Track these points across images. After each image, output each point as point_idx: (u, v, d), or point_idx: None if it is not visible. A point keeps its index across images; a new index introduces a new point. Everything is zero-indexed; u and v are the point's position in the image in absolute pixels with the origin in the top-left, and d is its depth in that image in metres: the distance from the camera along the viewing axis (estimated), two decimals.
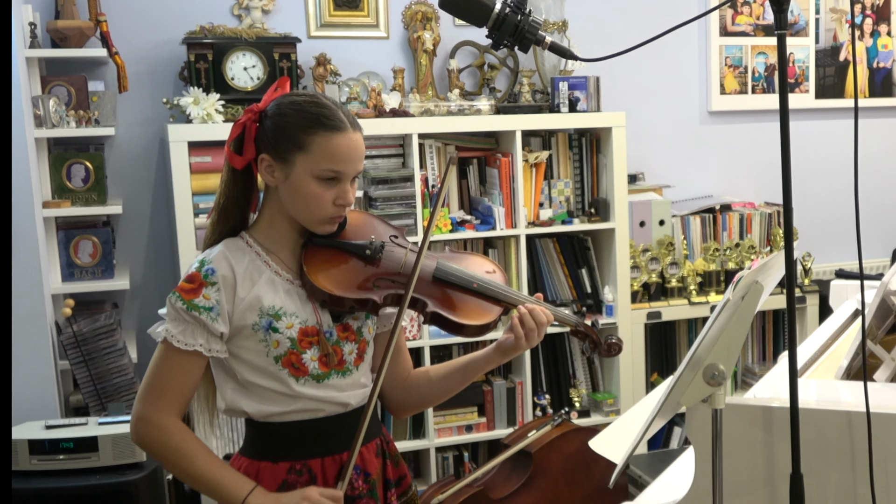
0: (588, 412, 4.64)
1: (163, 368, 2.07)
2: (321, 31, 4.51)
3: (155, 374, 2.08)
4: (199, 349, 2.05)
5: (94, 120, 3.93)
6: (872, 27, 5.44)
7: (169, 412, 2.06)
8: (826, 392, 2.33)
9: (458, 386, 2.34)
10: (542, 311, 2.22)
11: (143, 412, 2.07)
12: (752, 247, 4.86)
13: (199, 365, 2.08)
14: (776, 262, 2.14)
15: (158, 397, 2.07)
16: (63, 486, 3.31)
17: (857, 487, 2.06)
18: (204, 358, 2.08)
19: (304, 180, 2.06)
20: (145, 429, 2.07)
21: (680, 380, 1.95)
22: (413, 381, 2.36)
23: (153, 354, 2.09)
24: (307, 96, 2.11)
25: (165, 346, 2.07)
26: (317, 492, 2.07)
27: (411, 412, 2.45)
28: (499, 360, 2.28)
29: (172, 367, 2.06)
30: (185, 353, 2.05)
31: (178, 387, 2.07)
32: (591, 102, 4.45)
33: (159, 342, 2.09)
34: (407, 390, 2.36)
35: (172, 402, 2.07)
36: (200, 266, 2.08)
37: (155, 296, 4.36)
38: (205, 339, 2.06)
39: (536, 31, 2.11)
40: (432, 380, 2.35)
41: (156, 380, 2.08)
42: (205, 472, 2.06)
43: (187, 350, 2.05)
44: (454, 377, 2.32)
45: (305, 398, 2.11)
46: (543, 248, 4.54)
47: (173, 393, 2.07)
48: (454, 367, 2.32)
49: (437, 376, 2.34)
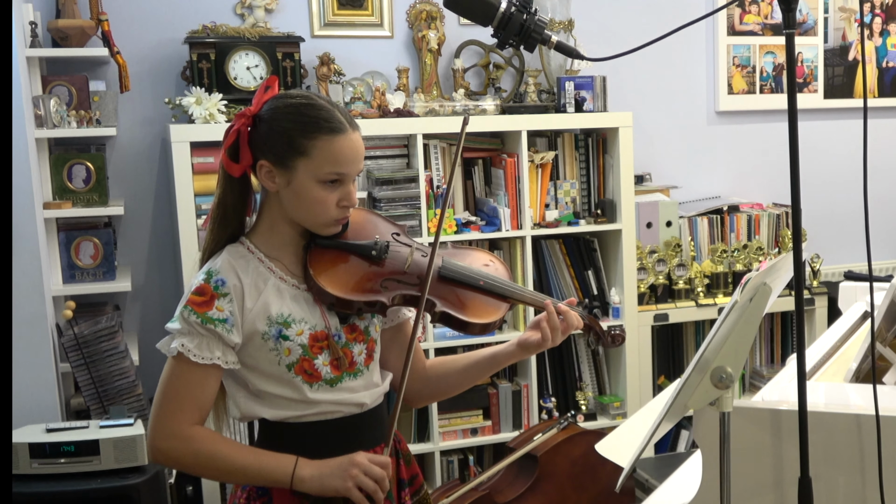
0: (594, 415, 4.62)
1: (179, 384, 2.04)
2: (325, 30, 4.49)
3: (171, 390, 2.05)
4: (216, 362, 2.03)
5: (96, 120, 3.91)
6: (882, 26, 5.41)
7: (190, 423, 2.04)
8: (835, 395, 2.34)
9: (476, 379, 2.37)
10: (576, 316, 2.26)
11: (164, 429, 2.04)
12: (760, 248, 4.83)
13: (217, 377, 2.07)
14: (784, 264, 2.12)
15: (178, 412, 2.04)
16: (64, 489, 3.29)
17: (867, 491, 2.05)
18: (220, 370, 2.06)
19: (307, 185, 2.05)
20: (170, 444, 2.04)
21: (687, 382, 1.94)
22: (431, 372, 2.37)
23: (165, 370, 2.06)
24: (301, 97, 2.09)
25: (180, 360, 2.03)
26: (365, 457, 2.08)
27: (426, 402, 2.49)
28: (519, 356, 2.31)
29: (190, 382, 2.04)
30: (201, 367, 2.03)
31: (197, 400, 2.05)
32: (597, 102, 4.43)
33: (170, 357, 2.06)
34: (424, 382, 2.38)
35: (194, 414, 2.05)
36: (208, 277, 2.06)
37: (157, 298, 4.35)
38: (221, 352, 2.04)
39: (542, 31, 2.12)
40: (450, 372, 2.37)
41: (172, 395, 2.05)
42: (245, 465, 2.05)
43: (204, 364, 2.03)
44: (472, 370, 2.35)
45: (321, 403, 2.11)
46: (549, 250, 4.52)
47: (193, 406, 2.04)
48: (473, 360, 2.34)
49: (455, 369, 2.36)
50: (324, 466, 2.06)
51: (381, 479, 2.06)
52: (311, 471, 2.05)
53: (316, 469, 2.05)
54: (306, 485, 2.04)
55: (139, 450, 3.34)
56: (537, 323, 2.25)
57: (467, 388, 2.40)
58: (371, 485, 2.05)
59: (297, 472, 2.04)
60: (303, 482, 2.04)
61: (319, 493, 2.06)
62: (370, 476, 2.05)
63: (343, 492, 2.04)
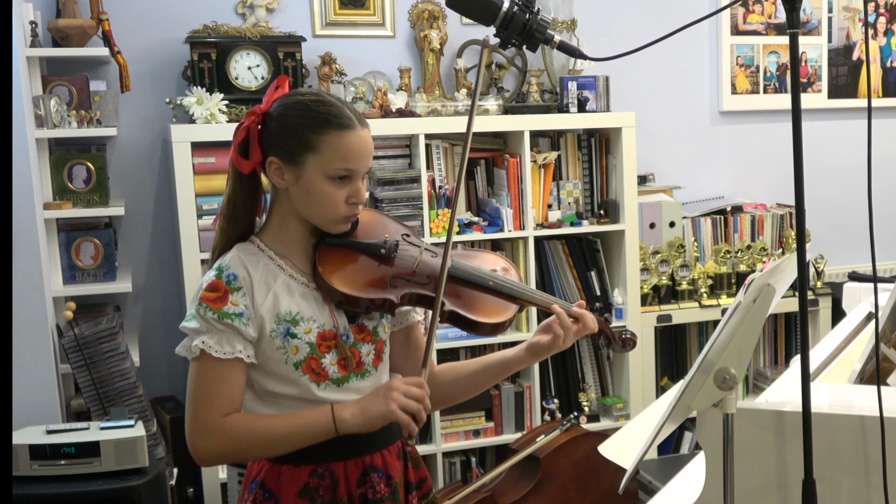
0: (597, 416, 4.61)
1: (207, 382, 2.04)
2: (326, 29, 4.48)
3: (200, 389, 2.05)
4: (239, 356, 2.03)
5: (96, 120, 3.90)
6: (886, 26, 5.40)
7: (223, 416, 2.04)
8: (839, 396, 2.33)
9: (485, 385, 2.36)
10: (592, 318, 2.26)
11: (199, 427, 2.04)
12: (763, 249, 4.81)
13: (242, 371, 2.06)
14: (788, 265, 2.11)
15: (210, 408, 2.03)
16: (64, 491, 3.28)
17: (871, 493, 2.04)
18: (244, 364, 2.05)
19: (316, 181, 2.05)
20: (211, 440, 2.04)
21: (691, 384, 1.93)
22: (440, 377, 2.36)
23: (190, 372, 2.06)
24: (311, 95, 2.10)
25: (204, 359, 2.03)
26: (401, 380, 2.10)
27: (437, 408, 2.46)
28: (529, 361, 2.30)
29: (217, 379, 2.03)
30: (226, 363, 2.03)
31: (227, 395, 2.05)
32: (600, 102, 4.42)
33: (192, 359, 2.05)
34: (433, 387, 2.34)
35: (225, 407, 2.04)
36: (220, 273, 2.06)
37: (157, 298, 4.34)
38: (242, 346, 2.04)
39: (545, 30, 2.13)
40: (459, 377, 2.35)
41: (202, 394, 2.04)
42: (286, 432, 2.05)
43: (228, 358, 2.02)
44: (481, 376, 2.34)
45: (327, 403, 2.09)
46: (552, 250, 4.50)
47: (224, 400, 2.04)
48: (482, 365, 2.34)
49: (464, 374, 2.35)
50: (362, 402, 2.07)
51: (421, 397, 2.07)
52: (352, 409, 2.06)
53: (356, 406, 2.06)
54: (349, 424, 2.05)
55: (140, 451, 3.33)
56: (548, 326, 2.25)
57: (476, 394, 2.39)
58: (414, 405, 2.05)
59: (336, 415, 2.04)
60: (345, 423, 2.05)
61: (366, 428, 2.06)
62: (410, 396, 2.06)
63: (388, 415, 2.04)
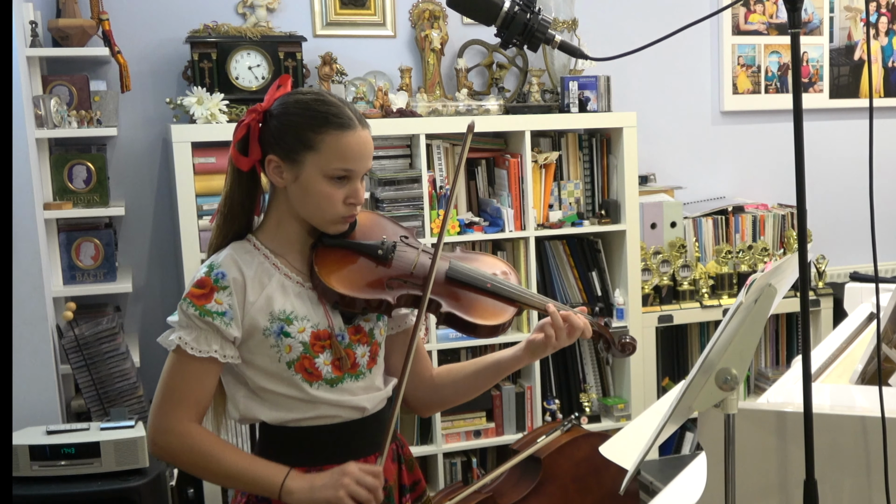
0: (598, 417, 4.60)
1: (178, 378, 2.05)
2: (327, 29, 4.48)
3: (170, 384, 2.05)
4: (213, 355, 2.03)
5: (96, 120, 3.90)
6: (887, 26, 5.39)
7: (188, 419, 2.04)
8: (840, 397, 2.32)
9: (485, 385, 2.35)
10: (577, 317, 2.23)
11: (161, 423, 2.05)
12: (765, 249, 4.81)
13: (215, 372, 2.07)
14: (790, 265, 2.11)
15: (176, 406, 2.04)
16: (64, 492, 3.27)
17: (872, 494, 2.04)
18: (219, 364, 2.06)
19: (314, 180, 2.05)
20: (166, 439, 2.05)
21: (692, 384, 1.93)
22: (438, 380, 2.36)
23: (165, 364, 2.06)
24: (312, 94, 2.10)
25: (179, 354, 2.04)
26: (356, 467, 2.06)
27: (436, 411, 2.47)
28: (527, 360, 2.29)
29: (188, 376, 2.04)
30: (199, 361, 2.03)
31: (195, 395, 2.05)
32: (601, 102, 4.41)
33: (171, 351, 2.06)
34: (431, 390, 2.36)
35: (191, 409, 2.04)
36: (210, 270, 2.06)
37: (158, 299, 4.34)
38: (219, 346, 2.04)
39: (546, 30, 2.13)
40: (458, 379, 2.35)
41: (171, 389, 2.05)
42: (236, 469, 2.04)
43: (202, 357, 2.03)
44: (480, 376, 2.33)
45: (321, 403, 2.10)
46: (553, 251, 4.50)
47: (191, 401, 2.04)
48: (481, 365, 2.33)
49: (463, 375, 2.34)
50: (315, 479, 2.05)
51: (374, 488, 2.04)
52: (301, 483, 2.03)
53: (306, 482, 2.04)
54: (294, 497, 2.02)
55: (140, 452, 3.32)
56: (541, 326, 2.24)
57: (476, 395, 2.38)
58: (364, 494, 2.02)
59: (286, 483, 2.02)
60: (291, 494, 2.02)
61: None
62: (362, 485, 2.03)
63: (335, 501, 2.01)
